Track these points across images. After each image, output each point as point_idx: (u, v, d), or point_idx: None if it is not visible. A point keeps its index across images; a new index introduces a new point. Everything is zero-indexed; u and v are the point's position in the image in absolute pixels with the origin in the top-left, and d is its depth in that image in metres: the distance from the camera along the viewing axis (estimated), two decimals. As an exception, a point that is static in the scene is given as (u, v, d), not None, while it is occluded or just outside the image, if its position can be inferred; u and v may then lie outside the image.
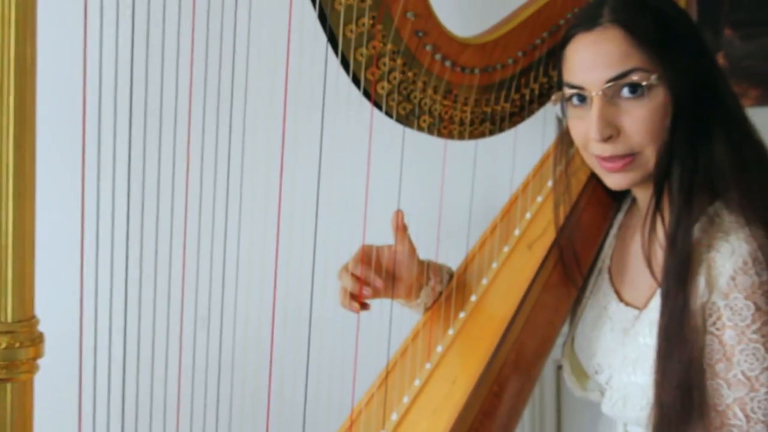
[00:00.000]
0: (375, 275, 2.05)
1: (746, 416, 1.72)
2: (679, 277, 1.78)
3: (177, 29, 1.72)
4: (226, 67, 1.83)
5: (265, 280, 1.88)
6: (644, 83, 1.81)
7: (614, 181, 1.90)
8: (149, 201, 1.77)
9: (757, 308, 1.72)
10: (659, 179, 1.86)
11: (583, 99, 1.87)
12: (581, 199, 2.10)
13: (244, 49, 1.84)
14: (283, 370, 1.90)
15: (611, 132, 1.83)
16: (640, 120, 1.82)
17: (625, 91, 1.82)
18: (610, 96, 1.83)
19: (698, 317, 1.76)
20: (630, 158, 1.85)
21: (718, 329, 1.74)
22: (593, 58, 1.86)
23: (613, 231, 2.12)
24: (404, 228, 2.08)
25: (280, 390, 1.89)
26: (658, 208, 1.87)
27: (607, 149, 1.86)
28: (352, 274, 2.05)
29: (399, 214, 2.07)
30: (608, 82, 1.83)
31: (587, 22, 1.87)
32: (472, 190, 2.16)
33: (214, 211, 1.86)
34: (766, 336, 1.71)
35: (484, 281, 2.13)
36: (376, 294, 2.07)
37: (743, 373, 1.72)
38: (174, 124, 1.78)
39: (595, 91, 1.84)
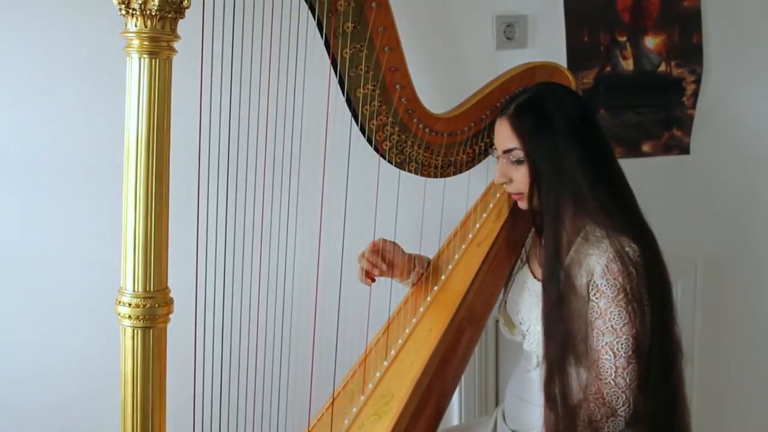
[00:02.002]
0: (381, 261, 2.09)
1: (614, 353, 1.75)
2: (551, 277, 1.82)
3: (258, 105, 1.75)
4: (288, 132, 1.87)
5: (311, 267, 1.91)
6: (519, 157, 1.86)
7: (519, 204, 1.96)
8: (240, 214, 1.79)
9: (621, 285, 1.76)
10: (534, 213, 1.94)
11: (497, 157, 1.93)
12: (514, 208, 2.11)
13: (300, 120, 1.86)
14: (322, 324, 1.93)
15: (505, 180, 1.91)
16: (519, 176, 1.89)
17: (512, 159, 1.88)
18: (506, 159, 1.89)
19: (580, 294, 1.80)
20: (521, 194, 1.91)
21: (597, 299, 1.78)
22: (497, 135, 1.92)
23: (531, 233, 2.11)
24: (378, 251, 2.11)
25: (321, 335, 1.91)
26: (539, 232, 1.96)
27: (508, 188, 1.93)
28: (367, 259, 2.09)
29: (375, 244, 2.11)
30: (503, 152, 1.89)
31: (501, 111, 1.92)
32: (442, 209, 2.17)
33: (280, 220, 1.88)
34: (627, 303, 1.75)
35: (450, 266, 2.13)
36: (381, 274, 2.10)
37: (612, 326, 1.76)
38: (255, 168, 1.82)
39: (498, 155, 1.91)
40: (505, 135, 1.89)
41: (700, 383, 2.88)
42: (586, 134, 1.88)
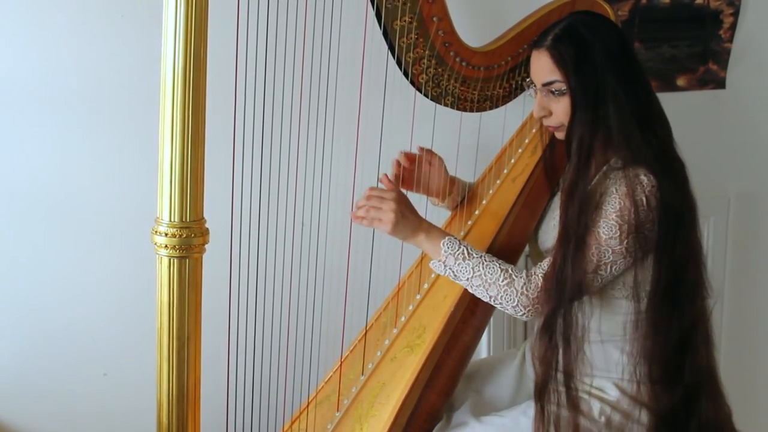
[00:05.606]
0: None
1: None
2: (567, 204, 1.80)
3: (294, 36, 1.75)
4: (325, 64, 1.84)
5: (346, 200, 1.89)
6: (561, 89, 1.82)
7: (557, 135, 1.93)
8: (275, 146, 1.78)
9: (622, 206, 1.73)
10: (568, 145, 1.87)
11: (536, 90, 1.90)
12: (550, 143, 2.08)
13: (336, 54, 1.82)
14: (356, 256, 1.93)
15: (545, 113, 1.88)
16: (560, 108, 1.84)
17: (553, 91, 1.84)
18: (545, 92, 1.86)
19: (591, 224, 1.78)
20: (558, 126, 1.88)
21: (598, 219, 1.76)
22: (535, 68, 1.88)
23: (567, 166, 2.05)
24: (414, 159, 2.09)
25: (354, 267, 1.92)
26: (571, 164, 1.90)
27: (547, 122, 1.90)
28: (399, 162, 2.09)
29: (407, 156, 2.09)
30: (542, 85, 1.86)
31: (537, 43, 1.88)
32: (477, 143, 2.14)
33: (316, 152, 1.88)
34: (621, 223, 1.74)
35: (484, 202, 2.11)
36: (417, 191, 2.12)
37: (597, 233, 1.76)
38: (291, 100, 1.79)
39: (537, 88, 1.88)
40: (544, 67, 1.85)
41: (729, 320, 2.86)
42: (624, 66, 1.84)
